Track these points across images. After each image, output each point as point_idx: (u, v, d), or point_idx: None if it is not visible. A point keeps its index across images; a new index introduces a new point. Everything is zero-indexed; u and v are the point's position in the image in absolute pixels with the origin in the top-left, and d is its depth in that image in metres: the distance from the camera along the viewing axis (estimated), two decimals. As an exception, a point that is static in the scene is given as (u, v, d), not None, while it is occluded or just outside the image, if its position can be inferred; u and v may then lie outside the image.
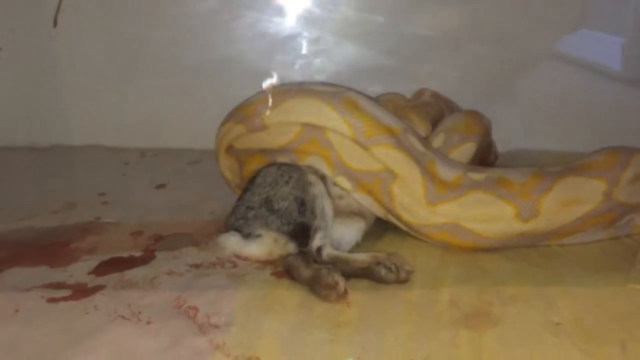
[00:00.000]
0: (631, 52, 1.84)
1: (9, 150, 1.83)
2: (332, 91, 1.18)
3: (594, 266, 1.13)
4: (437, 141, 1.31)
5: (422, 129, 1.35)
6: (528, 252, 1.17)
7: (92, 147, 1.85)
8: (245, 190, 1.21)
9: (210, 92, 1.83)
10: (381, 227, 1.25)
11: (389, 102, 1.40)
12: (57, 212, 1.39)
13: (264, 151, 1.21)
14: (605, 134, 1.88)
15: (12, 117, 1.87)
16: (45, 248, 1.19)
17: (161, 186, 1.56)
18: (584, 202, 1.16)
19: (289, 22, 1.74)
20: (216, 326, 0.93)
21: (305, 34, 1.74)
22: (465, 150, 1.34)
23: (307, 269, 1.04)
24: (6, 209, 1.40)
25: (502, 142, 1.83)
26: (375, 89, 1.68)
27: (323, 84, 1.24)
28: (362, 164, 1.15)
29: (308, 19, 1.73)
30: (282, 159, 1.20)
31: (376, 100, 1.41)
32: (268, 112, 1.17)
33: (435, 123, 1.40)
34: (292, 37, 1.75)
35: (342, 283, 0.98)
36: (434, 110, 1.45)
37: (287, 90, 1.20)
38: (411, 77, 1.75)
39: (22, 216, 1.35)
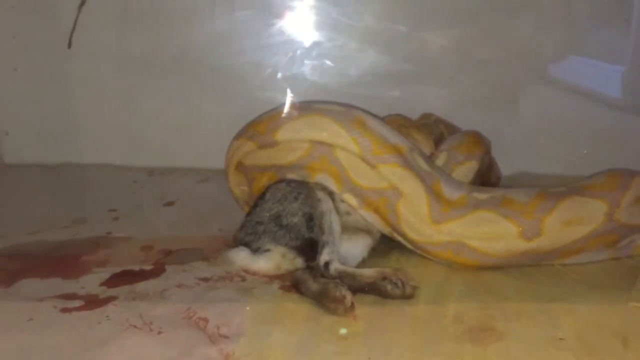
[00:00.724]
0: (631, 80, 1.88)
1: (20, 167, 1.86)
2: (341, 110, 1.22)
3: (596, 285, 1.15)
4: (440, 160, 1.35)
5: (426, 147, 1.39)
6: (531, 271, 1.20)
7: (101, 166, 1.87)
8: (254, 206, 1.24)
9: (217, 111, 1.87)
10: (387, 245, 1.27)
11: (392, 123, 1.43)
12: (67, 227, 1.41)
13: (273, 168, 1.24)
14: (605, 159, 1.91)
15: (24, 135, 1.91)
16: (56, 261, 1.21)
17: (170, 203, 1.59)
18: (586, 222, 1.18)
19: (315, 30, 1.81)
20: (226, 337, 0.94)
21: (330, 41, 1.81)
22: (468, 169, 1.37)
23: (314, 283, 1.06)
24: (18, 223, 1.42)
25: (505, 165, 1.86)
26: (394, 93, 1.78)
27: (333, 103, 1.28)
28: (369, 182, 1.17)
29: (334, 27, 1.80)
30: (291, 175, 1.23)
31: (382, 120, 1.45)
32: (279, 130, 1.20)
33: (436, 144, 1.44)
34: (319, 44, 1.81)
35: (349, 297, 1.00)
36: (435, 132, 1.49)
37: (297, 108, 1.24)
38: (424, 82, 1.81)
39: (33, 230, 1.38)
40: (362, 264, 1.20)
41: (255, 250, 1.19)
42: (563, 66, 1.89)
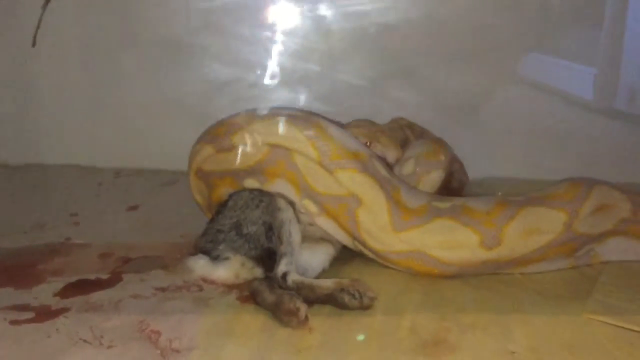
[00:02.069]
0: (603, 83, 1.89)
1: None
2: (301, 115, 1.21)
3: (553, 294, 1.16)
4: (408, 167, 1.34)
5: (393, 152, 1.38)
6: (490, 280, 1.20)
7: (67, 167, 1.85)
8: (217, 212, 1.23)
9: (187, 113, 1.85)
10: (348, 253, 1.26)
11: (358, 128, 1.42)
12: (26, 232, 1.39)
13: (231, 173, 1.22)
14: (574, 162, 1.93)
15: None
16: (11, 269, 1.19)
17: (134, 207, 1.57)
18: (545, 232, 1.19)
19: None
20: (177, 351, 0.93)
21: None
22: (435, 177, 1.38)
23: (270, 294, 1.05)
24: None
25: (469, 169, 1.86)
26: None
27: (293, 109, 1.27)
28: (327, 188, 1.17)
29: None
30: (250, 180, 1.22)
31: (346, 125, 1.44)
32: (237, 133, 1.20)
33: (402, 148, 1.44)
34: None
35: (303, 309, 1.00)
36: (400, 137, 1.49)
37: (256, 112, 1.23)
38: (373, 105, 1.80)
39: (-9, 235, 1.36)
40: (323, 273, 1.19)
41: (215, 258, 1.18)
42: (534, 65, 1.88)
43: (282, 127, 1.17)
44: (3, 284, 1.13)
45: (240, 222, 1.17)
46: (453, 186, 1.54)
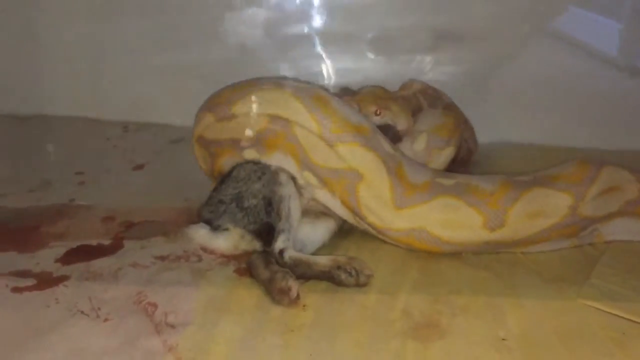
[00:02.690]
0: (628, 38, 1.82)
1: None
2: (304, 87, 1.19)
3: (552, 276, 1.15)
4: (420, 143, 1.32)
5: (403, 121, 1.35)
6: (490, 259, 1.19)
7: (75, 119, 1.85)
8: (220, 182, 1.23)
9: (198, 65, 1.83)
10: (348, 227, 1.26)
11: (369, 94, 1.40)
12: (32, 190, 1.40)
13: (231, 142, 1.21)
14: (596, 124, 1.88)
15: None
16: (15, 232, 1.21)
17: (139, 167, 1.58)
18: (549, 215, 1.17)
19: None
20: (172, 326, 0.95)
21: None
22: (447, 155, 1.36)
23: (265, 270, 1.06)
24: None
25: (483, 133, 1.83)
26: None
27: (297, 80, 1.25)
28: (327, 161, 1.15)
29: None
30: (249, 151, 1.21)
31: (357, 92, 1.41)
32: (237, 102, 1.18)
33: (414, 116, 1.41)
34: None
35: (295, 289, 1.01)
36: (412, 104, 1.46)
37: (258, 82, 1.21)
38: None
39: (-1, 193, 1.38)
40: (323, 248, 1.20)
41: (215, 228, 1.18)
42: (560, 19, 1.81)
43: (282, 98, 1.16)
44: (6, 248, 1.15)
45: (242, 194, 1.17)
46: (460, 156, 1.52)
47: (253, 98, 1.18)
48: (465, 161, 1.52)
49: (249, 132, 1.19)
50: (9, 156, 1.62)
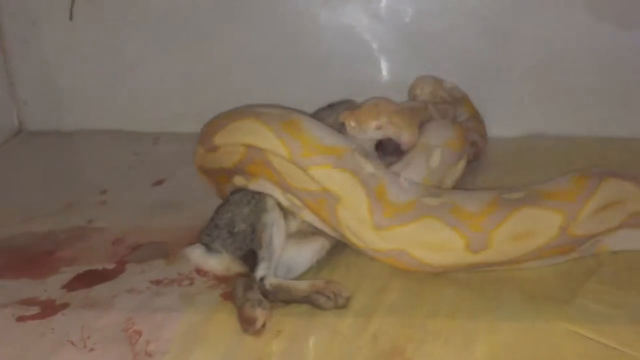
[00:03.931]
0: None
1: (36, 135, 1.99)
2: (277, 113, 1.22)
3: (539, 295, 1.13)
4: (435, 159, 1.31)
5: (407, 133, 1.34)
6: (476, 276, 1.18)
7: (108, 132, 1.95)
8: (220, 205, 1.28)
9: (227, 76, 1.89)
10: (340, 244, 1.27)
11: (371, 108, 1.38)
12: (57, 213, 1.50)
13: (223, 171, 1.28)
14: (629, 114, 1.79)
15: (41, 104, 2.01)
16: (31, 258, 1.31)
17: (159, 182, 1.65)
18: (537, 236, 1.14)
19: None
20: (150, 355, 1.02)
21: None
22: (461, 166, 1.37)
23: (241, 296, 1.11)
24: (16, 208, 1.54)
25: (507, 124, 1.79)
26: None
27: (274, 106, 1.28)
28: (304, 184, 1.18)
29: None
30: (237, 178, 1.26)
31: (359, 104, 1.41)
32: (216, 133, 1.25)
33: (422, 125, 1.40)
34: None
35: (260, 320, 1.04)
36: (421, 115, 1.44)
37: (236, 112, 1.27)
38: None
39: (27, 217, 1.48)
40: (310, 270, 1.23)
41: (210, 250, 1.24)
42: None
43: (255, 127, 1.20)
44: (21, 275, 1.25)
45: (234, 219, 1.22)
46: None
47: (229, 129, 1.23)
48: (470, 161, 1.49)
49: (231, 162, 1.24)
50: (42, 175, 1.74)
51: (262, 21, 1.83)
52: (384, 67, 1.83)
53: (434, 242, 1.16)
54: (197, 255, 1.25)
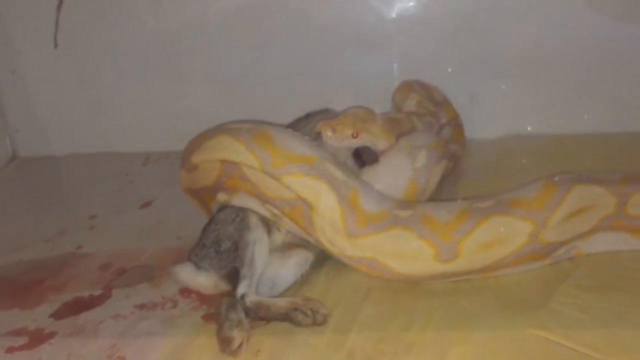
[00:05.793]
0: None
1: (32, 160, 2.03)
2: (247, 128, 1.26)
3: (513, 301, 1.15)
4: (421, 159, 1.33)
5: (383, 141, 1.36)
6: (452, 285, 1.21)
7: (100, 155, 1.99)
8: (207, 224, 1.31)
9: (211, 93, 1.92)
10: (322, 256, 1.30)
11: (348, 117, 1.40)
12: (48, 240, 1.54)
13: (206, 189, 1.32)
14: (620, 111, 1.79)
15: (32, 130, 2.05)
16: (22, 288, 1.34)
17: (147, 204, 1.68)
18: (506, 244, 1.17)
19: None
20: (130, 383, 1.06)
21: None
22: (443, 165, 1.39)
23: (223, 316, 1.13)
24: (7, 236, 1.58)
25: (494, 124, 1.80)
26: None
27: (247, 121, 1.32)
28: (279, 193, 1.21)
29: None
30: (220, 194, 1.30)
31: (339, 114, 1.42)
32: (193, 153, 1.30)
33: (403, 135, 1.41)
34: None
35: (237, 341, 1.07)
36: (402, 126, 1.45)
37: (209, 131, 1.31)
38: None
39: (18, 246, 1.52)
40: (294, 286, 1.25)
41: (198, 268, 1.27)
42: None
43: (227, 142, 1.24)
44: (11, 305, 1.28)
45: (220, 237, 1.25)
46: None
47: (204, 147, 1.27)
48: (447, 175, 1.51)
49: (211, 179, 1.27)
50: (34, 202, 1.78)
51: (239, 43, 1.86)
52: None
53: (404, 251, 1.18)
54: (186, 272, 1.27)
